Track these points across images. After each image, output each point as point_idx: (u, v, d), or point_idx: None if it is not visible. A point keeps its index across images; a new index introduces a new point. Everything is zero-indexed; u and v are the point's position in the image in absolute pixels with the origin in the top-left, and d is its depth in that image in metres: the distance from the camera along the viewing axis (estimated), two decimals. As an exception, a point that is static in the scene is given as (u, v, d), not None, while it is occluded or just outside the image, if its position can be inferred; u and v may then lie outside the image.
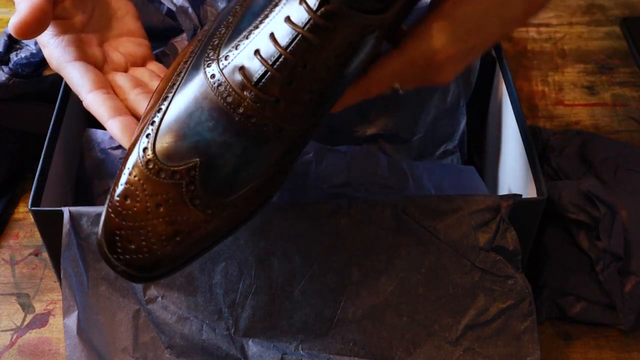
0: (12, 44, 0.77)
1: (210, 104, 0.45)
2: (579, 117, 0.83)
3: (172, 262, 0.45)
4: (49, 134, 0.61)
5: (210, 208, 0.44)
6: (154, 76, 0.54)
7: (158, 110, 0.46)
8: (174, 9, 0.66)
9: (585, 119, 0.83)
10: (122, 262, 0.44)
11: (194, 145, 0.44)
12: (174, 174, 0.44)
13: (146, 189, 0.44)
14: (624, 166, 0.70)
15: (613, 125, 0.82)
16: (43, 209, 0.56)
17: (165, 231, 0.44)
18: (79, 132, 0.67)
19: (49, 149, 0.60)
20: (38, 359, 0.62)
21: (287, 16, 0.44)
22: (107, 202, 0.44)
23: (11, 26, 0.48)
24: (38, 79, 0.76)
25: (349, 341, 0.57)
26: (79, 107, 0.68)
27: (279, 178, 0.47)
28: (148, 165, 0.44)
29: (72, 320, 0.57)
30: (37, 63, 0.77)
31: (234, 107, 0.44)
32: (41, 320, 0.65)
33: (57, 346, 0.63)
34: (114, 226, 0.44)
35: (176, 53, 0.65)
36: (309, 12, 0.43)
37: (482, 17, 0.48)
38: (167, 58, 0.65)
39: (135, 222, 0.43)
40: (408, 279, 0.56)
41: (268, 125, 0.45)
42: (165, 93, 0.47)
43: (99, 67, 0.52)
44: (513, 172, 0.64)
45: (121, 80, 0.52)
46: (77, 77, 0.50)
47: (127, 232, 0.43)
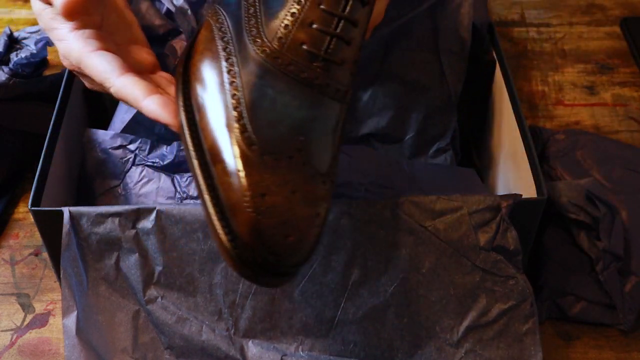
0: (12, 44, 0.77)
1: (288, 85, 0.46)
2: (579, 117, 0.83)
3: (317, 243, 0.45)
4: (49, 134, 0.61)
5: (325, 181, 0.46)
6: (168, 83, 0.54)
7: (237, 108, 0.45)
8: (173, 9, 0.66)
9: (585, 119, 0.83)
10: (283, 258, 0.43)
11: (290, 127, 0.45)
12: (290, 158, 0.45)
13: (275, 181, 0.44)
14: (624, 166, 0.70)
15: (613, 125, 0.82)
16: (43, 209, 0.56)
17: (309, 214, 0.44)
18: (79, 132, 0.67)
19: (49, 149, 0.60)
20: (38, 359, 0.62)
21: None
22: (244, 209, 0.43)
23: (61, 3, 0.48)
24: (38, 79, 0.76)
25: (349, 342, 0.57)
26: (79, 107, 0.68)
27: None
28: (263, 158, 0.44)
29: (72, 320, 0.57)
30: (37, 63, 0.77)
31: (310, 81, 0.46)
32: (41, 320, 0.65)
33: (57, 346, 0.63)
34: (268, 226, 0.43)
35: (175, 54, 0.65)
36: None
37: None
38: (166, 58, 0.65)
39: (283, 214, 0.43)
40: (408, 280, 0.56)
41: (340, 90, 0.47)
42: (229, 95, 0.46)
43: None
44: (513, 172, 0.64)
45: (143, 83, 0.51)
46: (103, 63, 0.50)
47: (281, 227, 0.43)
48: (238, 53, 0.47)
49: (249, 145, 0.44)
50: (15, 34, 0.77)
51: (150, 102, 0.48)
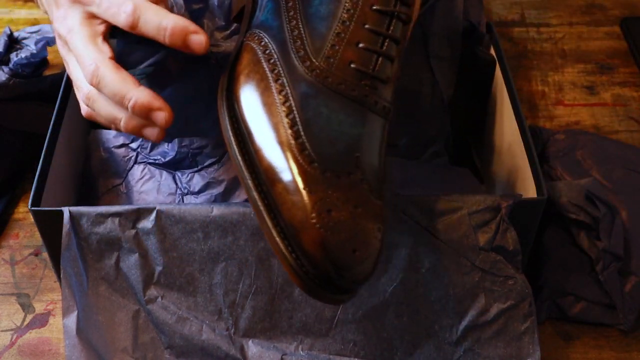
0: (12, 44, 0.77)
1: (340, 103, 0.47)
2: (579, 117, 0.83)
3: (380, 257, 0.46)
4: (49, 134, 0.61)
5: (379, 196, 0.46)
6: None
7: (293, 127, 0.46)
8: None
9: (585, 119, 0.83)
10: (349, 273, 0.44)
11: (346, 143, 0.46)
12: (349, 175, 0.45)
13: (339, 197, 0.44)
14: (624, 166, 0.70)
15: (613, 125, 0.82)
16: (43, 209, 0.56)
17: (372, 228, 0.45)
18: (79, 132, 0.67)
19: (49, 149, 0.60)
20: (38, 359, 0.62)
21: (371, 4, 0.49)
22: (312, 226, 0.43)
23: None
24: (38, 79, 0.76)
25: (349, 342, 0.57)
26: (79, 107, 0.68)
27: None
28: (325, 174, 0.45)
29: (72, 320, 0.57)
30: (37, 63, 0.77)
31: (360, 99, 0.48)
32: (41, 320, 0.65)
33: (57, 346, 0.63)
34: (337, 242, 0.43)
35: (169, 61, 0.66)
36: None
37: None
38: (158, 66, 0.66)
39: (350, 229, 0.44)
40: (408, 279, 0.56)
41: (386, 106, 0.49)
42: (283, 115, 0.46)
43: None
44: (513, 172, 0.64)
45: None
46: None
47: (349, 242, 0.43)
48: (287, 74, 0.48)
49: (309, 163, 0.45)
50: (15, 34, 0.77)
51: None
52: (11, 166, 0.75)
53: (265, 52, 0.49)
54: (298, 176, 0.44)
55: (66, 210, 0.54)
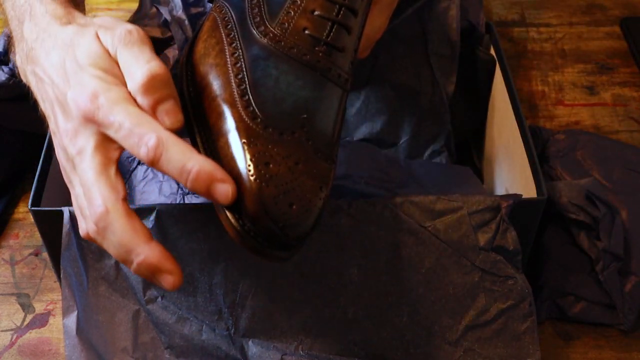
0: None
1: (291, 66, 0.48)
2: (579, 117, 0.83)
3: (321, 216, 0.46)
4: (49, 134, 0.61)
5: (327, 159, 0.47)
6: None
7: (240, 85, 0.47)
8: (169, 18, 0.67)
9: (585, 119, 0.83)
10: (287, 228, 0.44)
11: (293, 104, 0.47)
12: (293, 133, 0.46)
13: (279, 152, 0.45)
14: (624, 166, 0.70)
15: (613, 125, 0.82)
16: (43, 209, 0.56)
17: (313, 186, 0.45)
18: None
19: (49, 149, 0.60)
20: (38, 359, 0.62)
21: None
22: (248, 178, 0.44)
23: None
24: (38, 79, 0.76)
25: (349, 342, 0.57)
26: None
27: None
28: (267, 130, 0.45)
29: (72, 320, 0.57)
30: (37, 63, 0.76)
31: (312, 63, 0.48)
32: (41, 320, 0.65)
33: (57, 346, 0.63)
34: (270, 194, 0.44)
35: (168, 63, 0.66)
36: None
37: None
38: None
39: (287, 183, 0.44)
40: (408, 279, 0.56)
41: (341, 75, 0.49)
42: (232, 75, 0.48)
43: None
44: (513, 172, 0.64)
45: None
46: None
47: (285, 196, 0.44)
48: (241, 38, 0.49)
49: (252, 119, 0.46)
50: (16, 34, 0.77)
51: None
52: (11, 166, 0.75)
53: (224, 19, 0.51)
54: (239, 130, 0.45)
55: (66, 210, 0.54)
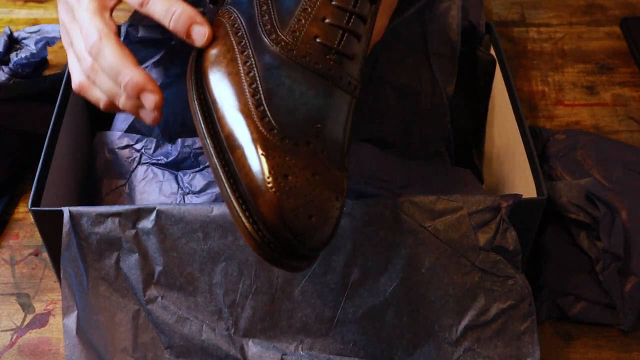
0: (12, 44, 0.77)
1: (304, 75, 0.48)
2: (579, 117, 0.83)
3: (337, 226, 0.46)
4: (49, 134, 0.61)
5: (340, 168, 0.47)
6: None
7: (254, 95, 0.47)
8: None
9: (585, 119, 0.83)
10: (306, 239, 0.44)
11: (307, 114, 0.47)
12: (308, 144, 0.46)
13: (297, 164, 0.45)
14: (624, 166, 0.70)
15: (613, 125, 0.82)
16: (43, 209, 0.56)
17: (329, 196, 0.45)
18: (80, 132, 0.67)
19: (49, 149, 0.60)
20: (38, 359, 0.62)
21: None
22: (267, 190, 0.44)
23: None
24: (38, 79, 0.76)
25: (349, 341, 0.57)
26: (79, 107, 0.68)
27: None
28: (284, 141, 0.45)
29: (72, 320, 0.57)
30: (37, 63, 0.76)
31: (324, 72, 0.48)
32: (41, 320, 0.65)
33: (57, 346, 0.63)
34: (290, 206, 0.44)
35: (169, 63, 0.66)
36: None
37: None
38: (159, 67, 0.66)
39: (306, 195, 0.44)
40: (408, 279, 0.56)
41: (352, 82, 0.49)
42: (246, 84, 0.47)
43: None
44: (513, 172, 0.64)
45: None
46: None
47: (304, 207, 0.44)
48: (253, 46, 0.49)
49: (269, 130, 0.45)
50: (15, 34, 0.77)
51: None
52: (11, 166, 0.75)
53: (233, 26, 0.50)
54: (257, 142, 0.45)
55: (66, 210, 0.54)
